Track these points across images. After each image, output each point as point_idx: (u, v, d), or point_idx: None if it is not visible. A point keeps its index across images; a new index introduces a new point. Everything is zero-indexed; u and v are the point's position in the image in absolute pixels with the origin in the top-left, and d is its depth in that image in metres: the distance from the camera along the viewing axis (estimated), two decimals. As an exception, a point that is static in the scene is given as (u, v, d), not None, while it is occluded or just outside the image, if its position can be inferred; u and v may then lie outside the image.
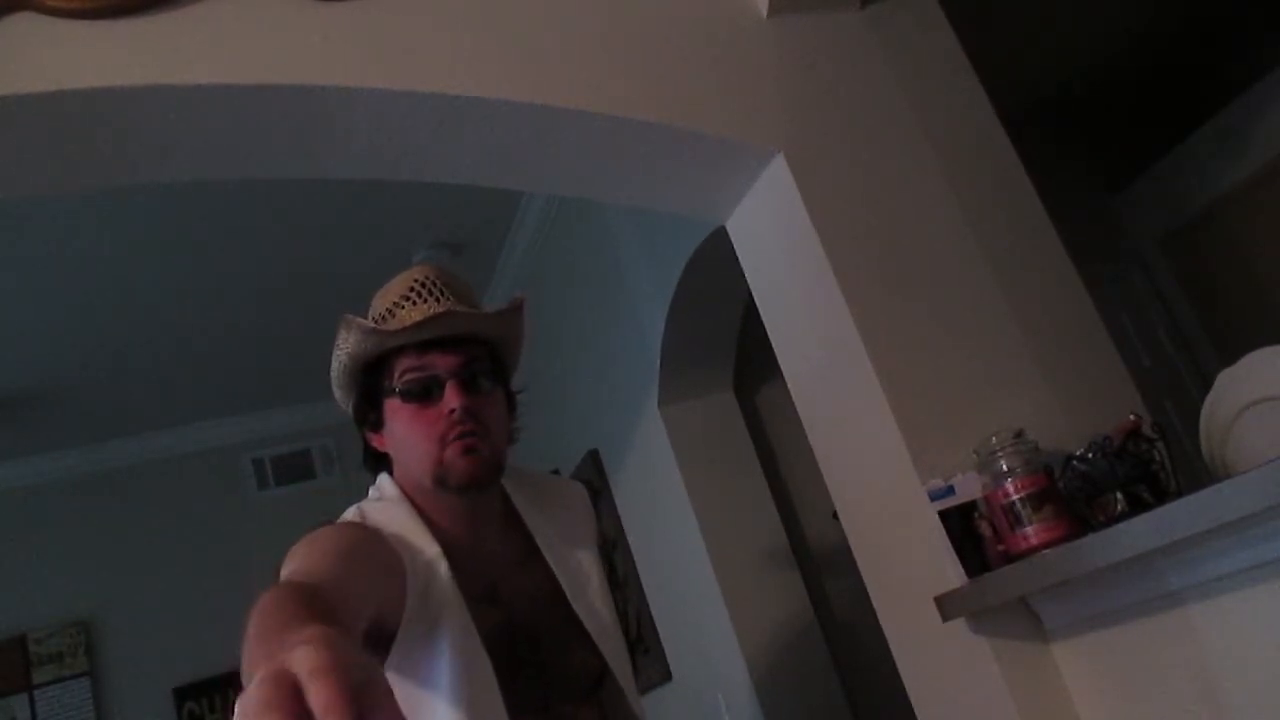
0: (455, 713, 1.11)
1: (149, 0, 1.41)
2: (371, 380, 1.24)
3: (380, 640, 1.11)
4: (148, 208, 2.82)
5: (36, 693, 3.82)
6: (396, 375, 1.21)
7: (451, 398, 1.19)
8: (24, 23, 1.35)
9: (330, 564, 0.99)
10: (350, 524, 1.16)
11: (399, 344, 1.20)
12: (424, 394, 1.20)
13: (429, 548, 1.18)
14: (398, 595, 1.11)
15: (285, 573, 0.99)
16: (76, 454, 4.13)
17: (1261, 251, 3.39)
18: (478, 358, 1.23)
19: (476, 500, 1.24)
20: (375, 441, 1.28)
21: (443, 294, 1.23)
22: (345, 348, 1.22)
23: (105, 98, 1.37)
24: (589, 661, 1.25)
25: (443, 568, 1.16)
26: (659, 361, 2.88)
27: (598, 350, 3.38)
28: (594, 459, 3.43)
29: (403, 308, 1.22)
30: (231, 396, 4.19)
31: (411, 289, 1.23)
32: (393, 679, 1.11)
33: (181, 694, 3.94)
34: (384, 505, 1.23)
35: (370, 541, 1.11)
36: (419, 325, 1.18)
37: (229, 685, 3.94)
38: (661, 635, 3.15)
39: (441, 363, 1.20)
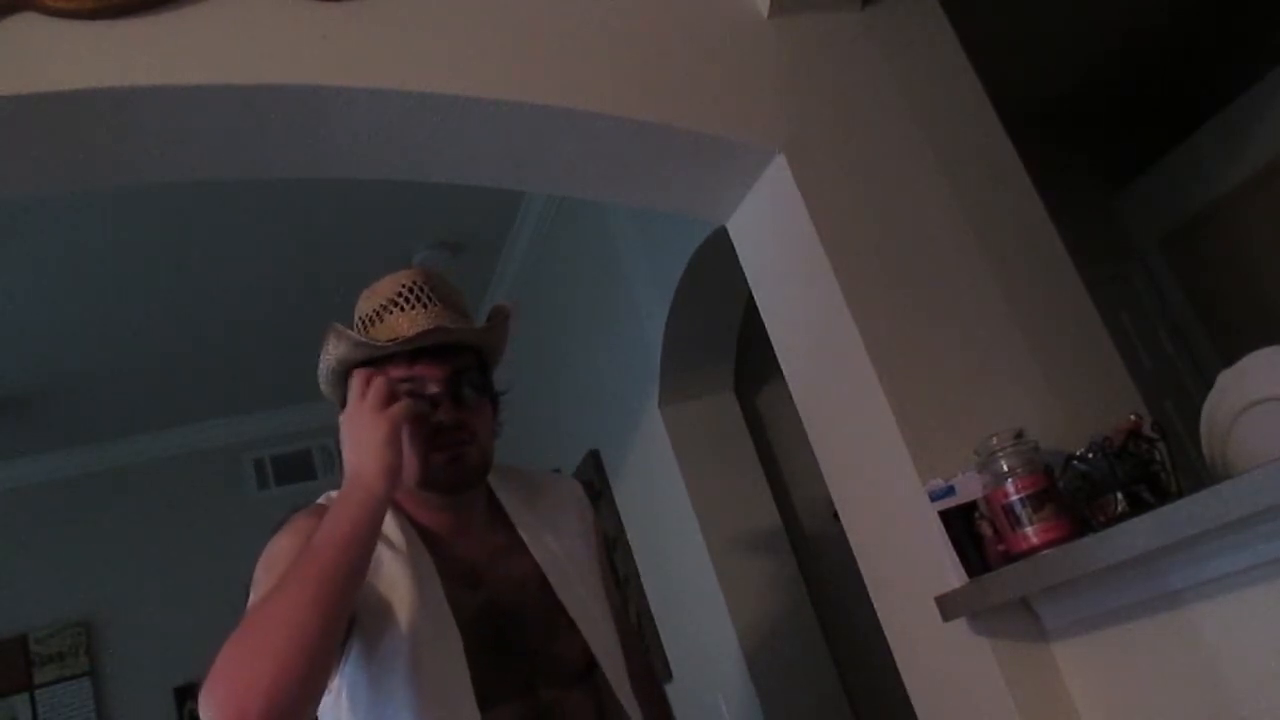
0: (411, 690, 1.13)
1: (149, 0, 1.41)
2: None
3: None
4: (148, 208, 2.82)
5: (37, 693, 3.82)
6: None
7: (440, 410, 1.21)
8: (25, 23, 1.35)
9: None
10: (308, 523, 1.19)
11: (388, 354, 1.22)
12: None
13: (385, 523, 1.20)
14: None
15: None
16: (76, 454, 4.13)
17: (1261, 251, 3.39)
18: (466, 367, 1.26)
19: (459, 498, 1.27)
20: None
21: (430, 300, 1.25)
22: (334, 353, 1.24)
23: (105, 98, 1.37)
24: (577, 648, 1.26)
25: (397, 538, 1.21)
26: (659, 361, 2.88)
27: (598, 350, 3.38)
28: (594, 459, 3.43)
29: (391, 312, 1.24)
30: (231, 396, 4.19)
31: (399, 294, 1.25)
32: (356, 661, 1.16)
33: (181, 694, 3.94)
34: None
35: None
36: (407, 342, 1.20)
37: (229, 685, 3.94)
38: (661, 635, 3.15)
39: (430, 373, 1.22)
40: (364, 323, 1.26)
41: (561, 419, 3.66)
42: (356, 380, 1.18)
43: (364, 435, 1.12)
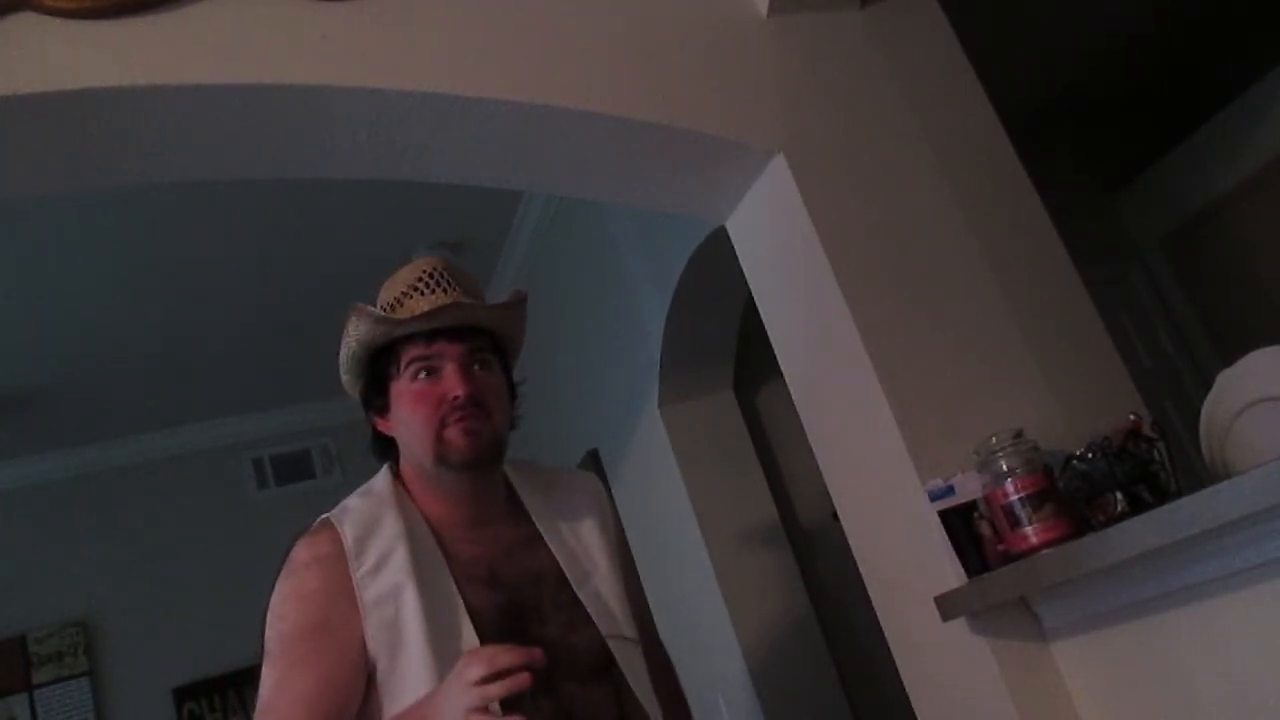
0: (428, 684, 1.14)
1: (149, 0, 1.41)
2: (379, 367, 1.29)
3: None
4: (148, 207, 2.82)
5: (36, 693, 3.82)
6: (403, 362, 1.26)
7: (455, 384, 1.23)
8: (24, 23, 1.35)
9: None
10: (309, 580, 1.21)
11: (407, 332, 1.25)
12: (429, 380, 1.25)
13: (391, 530, 1.23)
14: (360, 639, 1.18)
15: None
16: (76, 454, 4.12)
17: (1261, 251, 3.39)
18: (481, 347, 1.29)
19: (477, 481, 1.28)
20: (381, 426, 1.32)
21: (450, 285, 1.27)
22: (355, 334, 1.27)
23: (105, 98, 1.37)
24: (596, 644, 1.27)
25: (401, 550, 1.21)
26: (659, 361, 2.88)
27: (598, 350, 3.38)
28: (594, 459, 3.43)
29: (411, 297, 1.27)
30: (231, 396, 4.19)
31: (420, 279, 1.27)
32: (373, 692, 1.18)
33: (181, 694, 3.94)
34: (362, 501, 1.28)
35: (326, 629, 1.18)
36: (428, 315, 1.23)
37: (229, 685, 3.94)
38: (661, 634, 3.14)
39: (447, 351, 1.25)
40: (385, 309, 1.29)
41: (561, 419, 3.65)
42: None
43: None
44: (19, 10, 1.35)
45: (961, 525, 1.45)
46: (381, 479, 1.31)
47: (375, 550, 1.21)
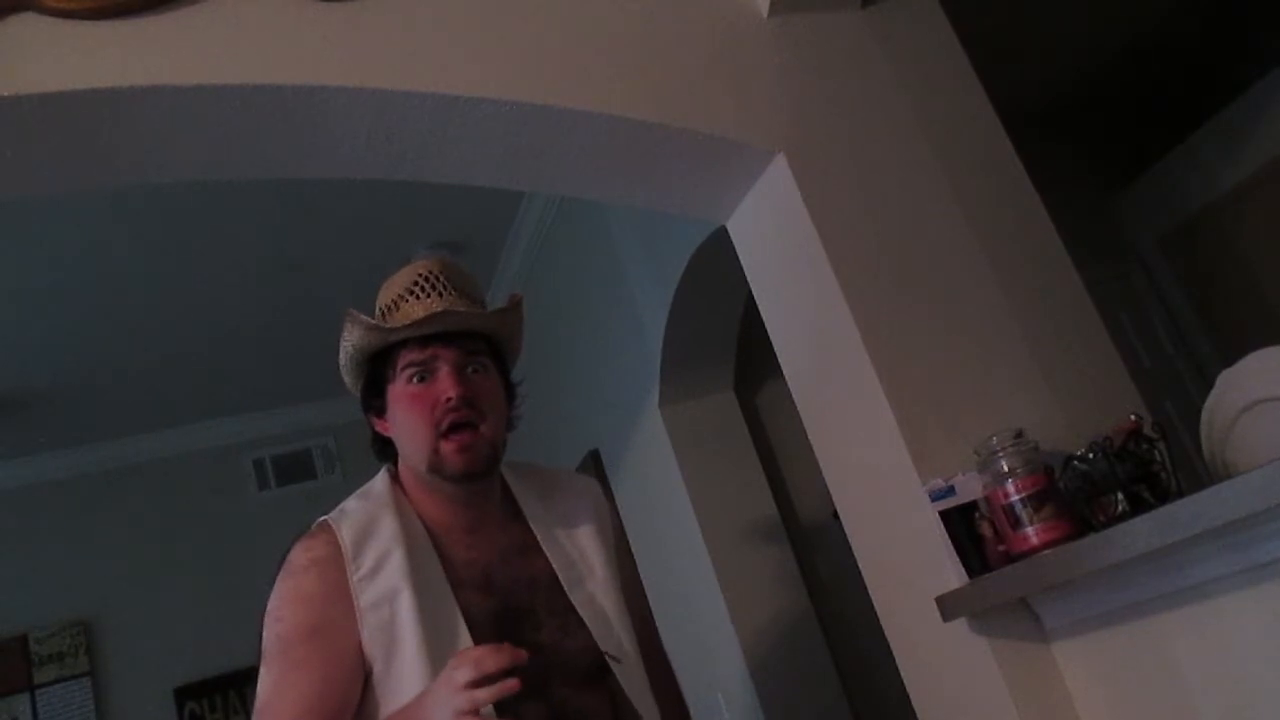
0: (423, 687, 1.14)
1: (149, 0, 1.41)
2: (377, 369, 1.30)
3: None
4: (147, 208, 2.82)
5: (37, 693, 3.83)
6: (399, 366, 1.27)
7: (448, 386, 1.24)
8: (25, 23, 1.35)
9: None
10: (307, 581, 1.21)
11: (400, 339, 1.25)
12: (423, 384, 1.26)
13: (389, 533, 1.23)
14: (358, 642, 1.19)
15: None
16: (76, 454, 4.13)
17: (1261, 251, 3.38)
18: (477, 351, 1.29)
19: (473, 487, 1.29)
20: (380, 427, 1.33)
21: (445, 289, 1.28)
22: (350, 340, 1.28)
23: (105, 98, 1.37)
24: (591, 648, 1.27)
25: (397, 554, 1.22)
26: (659, 361, 2.88)
27: (598, 350, 3.38)
28: (594, 459, 3.43)
29: (406, 301, 1.27)
30: (231, 396, 4.19)
31: (415, 283, 1.28)
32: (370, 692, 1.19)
33: (182, 694, 3.95)
34: (360, 503, 1.29)
35: (324, 631, 1.19)
36: (419, 322, 1.23)
37: (230, 685, 3.95)
38: (661, 634, 3.14)
39: (441, 354, 1.26)
40: (383, 312, 1.29)
41: (561, 419, 3.66)
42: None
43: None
44: (20, 10, 1.35)
45: (962, 525, 1.45)
46: (380, 481, 1.32)
47: (372, 553, 1.22)
